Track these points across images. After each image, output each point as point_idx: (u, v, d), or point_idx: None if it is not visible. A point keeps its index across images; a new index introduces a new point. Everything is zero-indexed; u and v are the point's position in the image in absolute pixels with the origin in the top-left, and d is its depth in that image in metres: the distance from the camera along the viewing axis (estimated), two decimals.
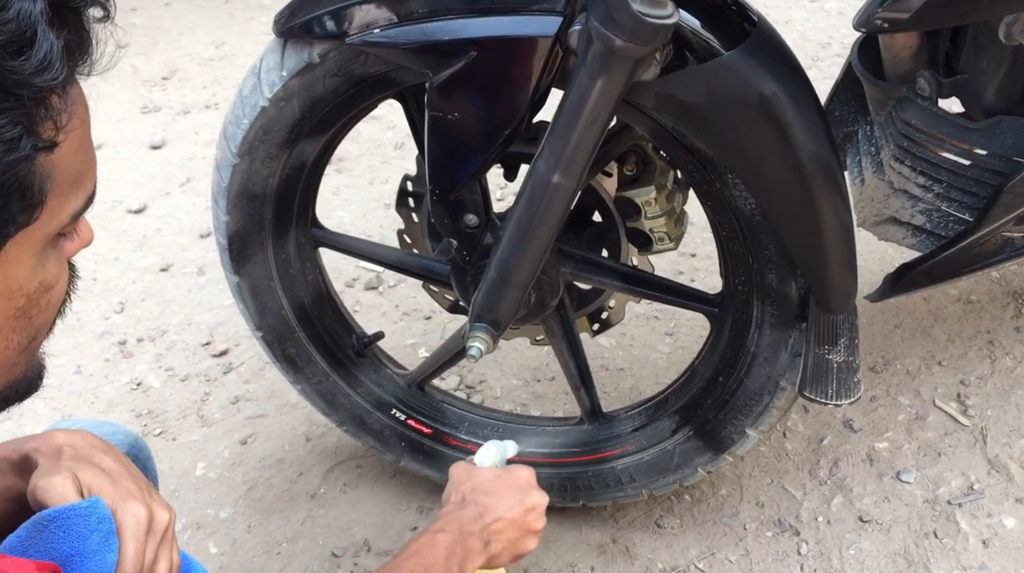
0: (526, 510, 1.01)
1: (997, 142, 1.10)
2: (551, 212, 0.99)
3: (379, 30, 0.96)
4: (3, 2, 0.53)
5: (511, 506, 1.00)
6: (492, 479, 1.02)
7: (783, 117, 0.92)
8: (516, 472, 1.04)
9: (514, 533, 1.00)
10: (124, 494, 0.71)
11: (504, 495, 1.00)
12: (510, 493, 1.01)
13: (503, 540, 0.99)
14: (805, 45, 2.23)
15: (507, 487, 1.01)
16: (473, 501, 0.99)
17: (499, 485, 1.01)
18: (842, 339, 1.08)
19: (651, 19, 0.82)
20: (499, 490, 1.01)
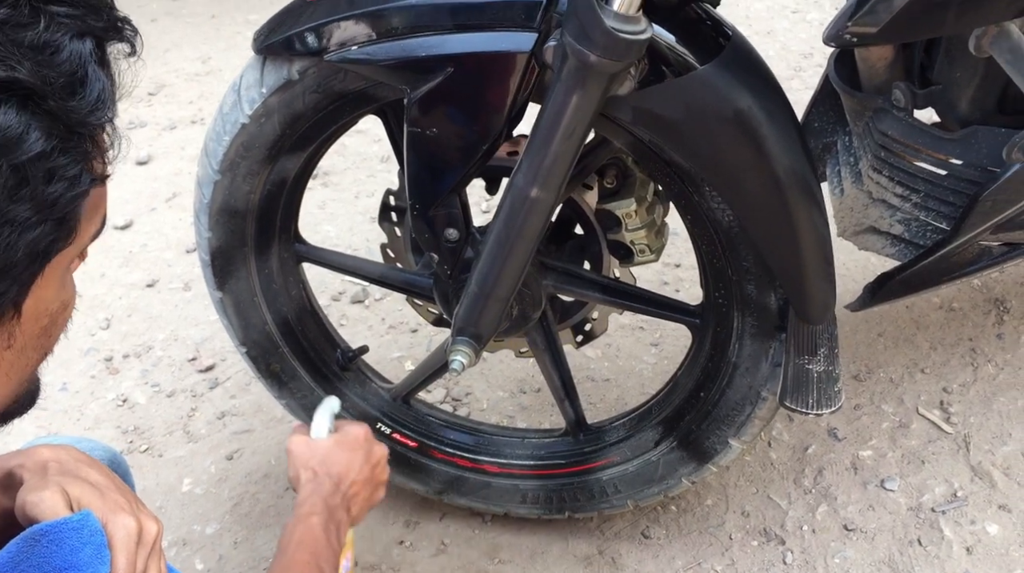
0: (372, 466, 1.07)
1: (972, 152, 1.11)
2: (530, 226, 0.99)
3: (357, 47, 0.97)
4: (56, 44, 0.55)
5: (359, 468, 1.05)
6: (334, 448, 1.06)
7: (758, 130, 0.93)
8: (352, 433, 1.08)
9: (367, 491, 1.07)
10: (113, 506, 0.71)
11: (351, 459, 1.05)
12: (354, 456, 1.06)
13: (360, 500, 1.06)
14: (787, 55, 2.25)
15: (350, 451, 1.06)
16: (326, 474, 1.03)
17: (343, 452, 1.06)
18: (822, 349, 1.09)
19: (624, 35, 0.83)
20: (344, 456, 1.05)
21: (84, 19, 0.57)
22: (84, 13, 0.58)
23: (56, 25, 0.55)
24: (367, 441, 1.09)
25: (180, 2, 2.62)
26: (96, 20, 0.58)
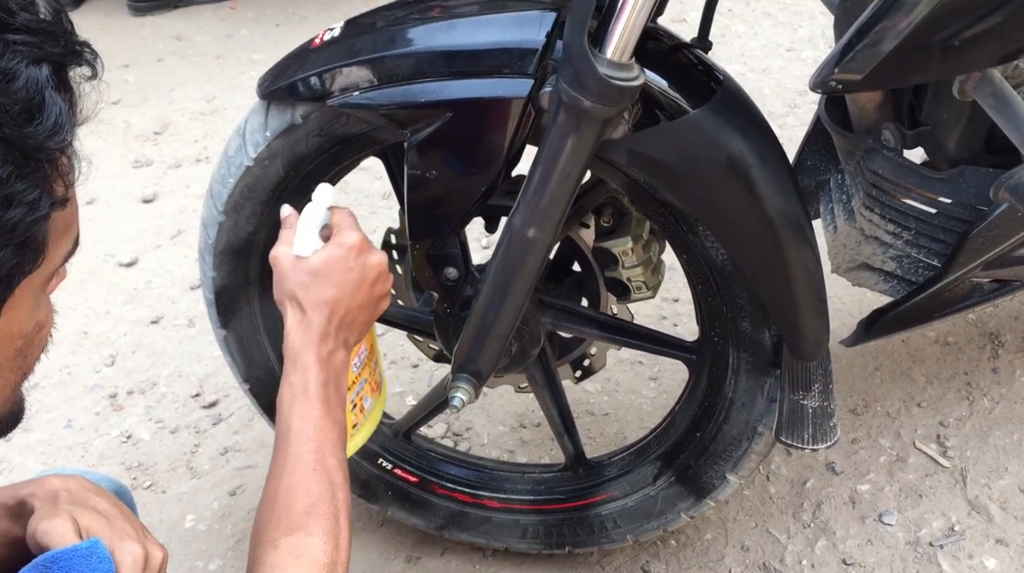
0: (370, 285, 0.95)
1: (961, 191, 1.13)
2: (528, 265, 1.02)
3: (359, 92, 1.00)
4: (12, 71, 0.56)
5: (353, 291, 0.93)
6: (323, 266, 0.92)
7: (749, 172, 0.96)
8: (344, 245, 0.94)
9: (366, 313, 0.96)
10: (120, 534, 0.74)
11: (342, 282, 0.92)
12: (347, 277, 0.93)
13: (359, 325, 0.95)
14: (783, 93, 2.28)
15: (343, 269, 0.93)
16: (315, 306, 0.91)
17: (334, 270, 0.92)
18: (816, 385, 1.10)
19: (617, 82, 0.86)
20: (336, 276, 0.92)
21: (41, 46, 0.58)
22: (41, 40, 0.58)
23: (12, 53, 0.56)
24: (361, 253, 0.94)
25: (185, 42, 2.67)
26: (53, 46, 0.59)
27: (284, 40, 2.63)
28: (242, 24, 2.73)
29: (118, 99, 2.46)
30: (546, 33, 0.94)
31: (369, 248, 0.96)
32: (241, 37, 2.68)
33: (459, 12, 1.00)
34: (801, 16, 2.53)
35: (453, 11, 1.00)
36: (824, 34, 2.45)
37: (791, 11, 2.55)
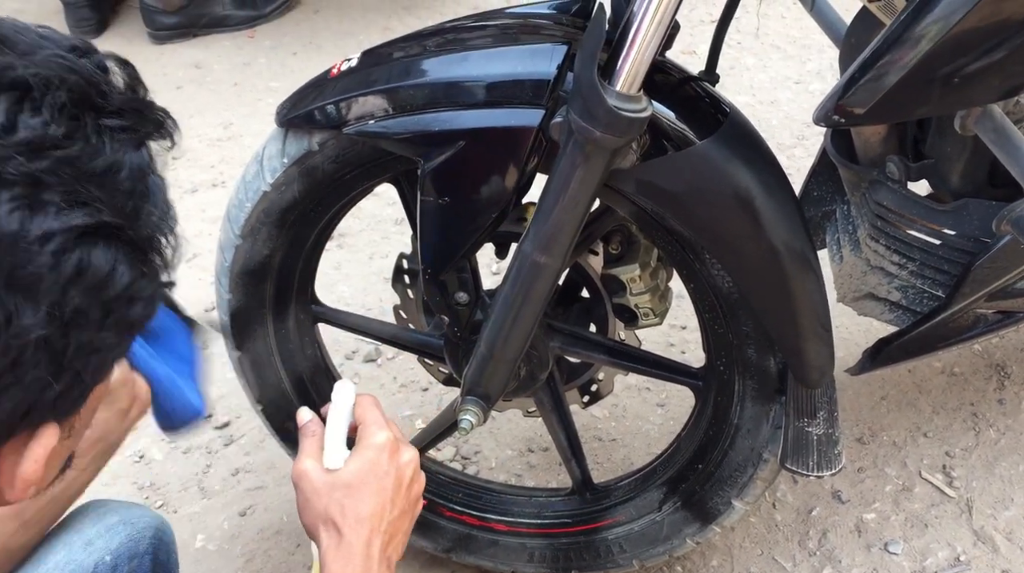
0: (408, 487, 0.88)
1: (964, 223, 1.15)
2: (537, 291, 1.04)
3: (374, 121, 1.03)
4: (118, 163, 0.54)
5: (394, 495, 0.85)
6: (358, 477, 0.85)
7: (755, 202, 0.98)
8: (375, 441, 0.87)
9: (406, 522, 0.88)
10: None
11: (382, 487, 0.85)
12: (384, 483, 0.85)
13: (401, 536, 0.87)
14: (791, 125, 2.31)
15: (379, 475, 0.85)
16: (354, 524, 0.82)
17: (370, 478, 0.85)
18: (821, 412, 1.12)
19: (626, 113, 0.88)
20: (373, 484, 0.85)
21: (137, 128, 0.56)
22: (136, 121, 0.56)
23: (116, 143, 0.54)
24: (394, 453, 0.87)
25: (204, 70, 2.71)
26: (145, 124, 0.57)
27: (301, 68, 2.67)
28: (260, 52, 2.77)
29: None
30: (557, 65, 0.96)
31: (401, 445, 0.89)
32: (259, 65, 2.73)
33: (473, 44, 1.03)
34: (810, 50, 2.56)
35: (467, 43, 1.03)
36: (832, 67, 2.48)
37: (800, 45, 2.59)
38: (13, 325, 0.49)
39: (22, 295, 0.50)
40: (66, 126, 0.52)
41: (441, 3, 2.89)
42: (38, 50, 0.53)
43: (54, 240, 0.50)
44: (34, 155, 0.50)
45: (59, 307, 0.51)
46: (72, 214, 0.51)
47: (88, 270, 0.52)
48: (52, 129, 0.51)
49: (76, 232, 0.51)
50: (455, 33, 1.06)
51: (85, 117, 0.53)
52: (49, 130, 0.51)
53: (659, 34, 0.87)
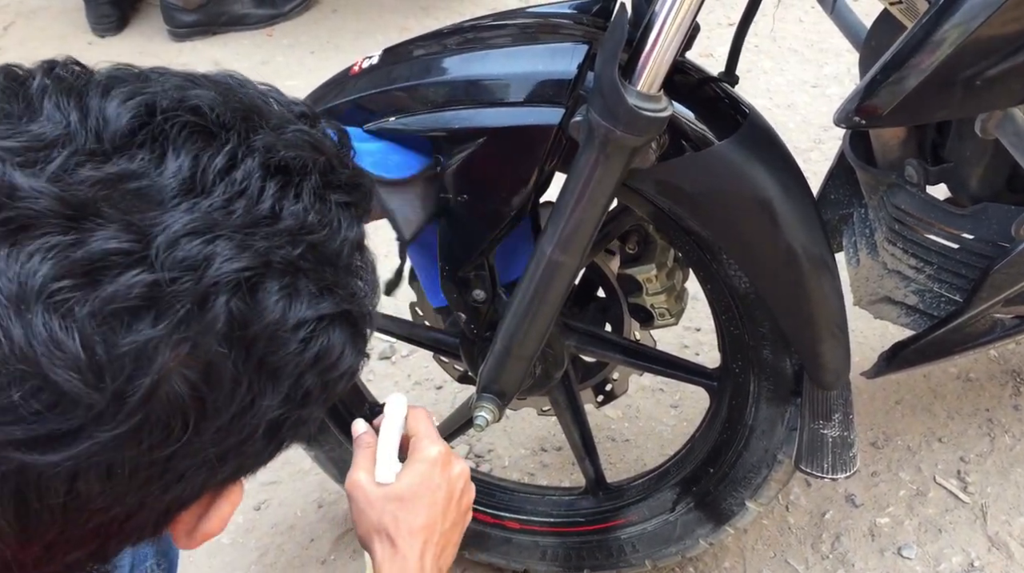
0: (459, 499, 0.89)
1: (983, 227, 1.15)
2: (554, 289, 1.04)
3: (395, 118, 1.03)
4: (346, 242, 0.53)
5: (445, 508, 0.87)
6: (411, 491, 0.86)
7: (773, 203, 0.98)
8: (427, 454, 0.88)
9: (457, 533, 0.90)
10: None
11: (434, 500, 0.86)
12: (437, 496, 0.87)
13: (452, 547, 0.89)
14: (808, 128, 2.31)
15: (432, 488, 0.87)
16: (407, 536, 0.84)
17: (423, 492, 0.86)
18: (836, 414, 1.12)
19: (646, 113, 0.89)
20: (426, 498, 0.86)
21: (358, 203, 0.56)
22: (358, 197, 0.56)
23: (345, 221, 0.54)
24: (446, 466, 0.88)
25: (223, 68, 2.74)
26: (364, 199, 0.57)
27: (318, 67, 2.68)
28: (278, 51, 2.79)
29: None
30: (578, 65, 0.97)
31: (452, 458, 0.91)
32: (276, 63, 2.74)
33: (493, 43, 1.03)
34: (827, 53, 2.56)
35: (487, 42, 1.04)
36: (850, 71, 2.47)
37: (817, 48, 2.58)
38: (255, 406, 0.50)
39: (268, 379, 0.50)
40: (317, 211, 0.52)
41: (459, 3, 2.90)
42: (286, 124, 0.54)
43: (304, 327, 0.51)
44: (294, 242, 0.50)
45: (295, 389, 0.52)
46: (322, 302, 0.51)
47: (326, 355, 0.52)
48: (310, 216, 0.51)
49: (324, 321, 0.52)
50: (475, 32, 1.06)
51: (329, 198, 0.53)
52: (308, 217, 0.51)
53: (680, 34, 0.87)
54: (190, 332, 0.46)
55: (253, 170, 0.50)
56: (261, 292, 0.49)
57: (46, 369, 0.43)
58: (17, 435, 0.44)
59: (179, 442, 0.48)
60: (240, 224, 0.48)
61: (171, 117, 0.49)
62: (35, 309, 0.43)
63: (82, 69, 0.52)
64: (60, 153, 0.46)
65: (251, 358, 0.49)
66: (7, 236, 0.44)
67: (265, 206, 0.49)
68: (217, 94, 0.52)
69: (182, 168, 0.48)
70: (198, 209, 0.47)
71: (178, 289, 0.46)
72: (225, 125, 0.51)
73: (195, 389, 0.47)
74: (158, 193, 0.47)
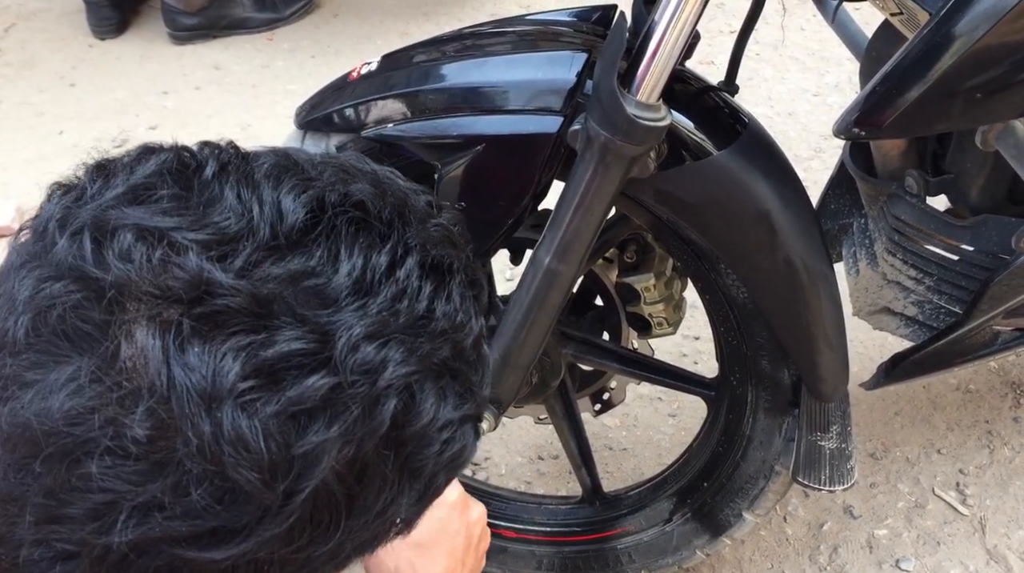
0: (477, 545, 0.86)
1: (983, 239, 1.14)
2: (551, 298, 1.03)
3: (393, 124, 1.03)
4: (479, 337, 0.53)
5: (464, 555, 0.84)
6: (429, 536, 0.83)
7: (772, 213, 0.97)
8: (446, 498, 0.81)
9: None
10: None
11: (453, 547, 0.83)
12: (456, 537, 0.84)
13: None
14: (808, 137, 2.30)
15: (451, 534, 0.84)
16: None
17: (441, 538, 0.83)
18: (834, 426, 1.11)
19: (645, 122, 0.88)
20: (444, 544, 0.83)
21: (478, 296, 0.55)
22: (478, 291, 0.55)
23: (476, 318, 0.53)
24: (463, 510, 0.85)
25: (223, 71, 2.73)
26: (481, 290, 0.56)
27: (318, 72, 2.68)
28: (278, 55, 2.78)
29: (156, 124, 2.51)
30: (577, 73, 0.96)
31: (470, 502, 0.88)
32: (277, 68, 2.73)
33: (492, 50, 1.03)
34: (828, 62, 2.55)
35: (486, 49, 1.03)
36: (851, 80, 2.47)
37: (818, 57, 2.58)
38: (395, 505, 0.50)
39: (409, 478, 0.50)
40: (464, 312, 0.52)
41: (460, 9, 2.90)
42: (428, 218, 0.53)
43: (448, 429, 0.50)
44: (445, 344, 0.50)
45: (428, 487, 0.52)
46: (465, 403, 0.51)
47: (460, 454, 0.52)
48: (459, 317, 0.51)
49: (465, 421, 0.52)
50: (475, 39, 1.06)
51: (468, 297, 0.53)
52: (458, 318, 0.51)
53: (680, 43, 0.87)
54: (357, 434, 0.46)
55: (412, 270, 0.49)
56: (420, 394, 0.49)
57: (229, 468, 0.43)
58: (181, 530, 0.43)
59: (326, 541, 0.48)
60: (405, 326, 0.48)
61: (340, 212, 0.49)
62: (225, 408, 0.43)
63: (242, 153, 0.52)
64: (245, 247, 0.46)
65: (399, 457, 0.49)
66: (201, 332, 0.43)
67: (422, 306, 0.49)
68: (372, 186, 0.52)
69: (355, 267, 0.47)
70: (369, 311, 0.47)
71: (355, 392, 0.45)
72: (384, 221, 0.51)
73: (349, 489, 0.47)
74: (333, 292, 0.46)
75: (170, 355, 0.43)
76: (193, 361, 0.43)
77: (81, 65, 2.70)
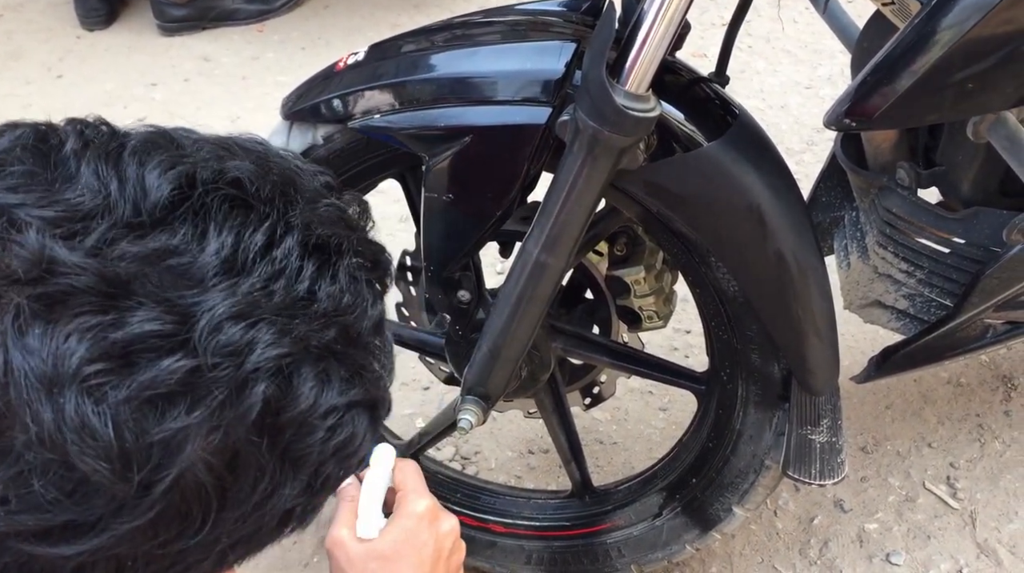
0: (448, 558, 0.83)
1: (974, 232, 1.13)
2: (540, 291, 1.02)
3: (380, 115, 1.01)
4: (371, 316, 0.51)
5: (432, 568, 0.80)
6: (394, 549, 0.80)
7: (762, 206, 0.97)
8: (413, 509, 0.82)
9: None
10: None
11: (420, 560, 0.80)
12: (424, 549, 0.80)
13: None
14: (800, 130, 2.29)
15: (417, 546, 0.80)
16: None
17: (407, 550, 0.80)
18: (824, 420, 1.11)
19: (634, 112, 0.87)
20: (411, 557, 0.80)
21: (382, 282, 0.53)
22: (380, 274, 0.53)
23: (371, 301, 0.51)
24: (433, 521, 0.82)
25: (212, 63, 2.71)
26: (385, 276, 0.54)
27: (309, 63, 2.66)
28: (268, 47, 2.76)
29: (144, 117, 2.49)
30: (565, 63, 0.95)
31: (440, 513, 0.84)
32: (267, 59, 2.72)
33: (480, 40, 1.02)
34: (821, 54, 2.55)
35: (475, 39, 1.02)
36: (843, 73, 2.46)
37: (811, 49, 2.57)
38: (275, 496, 0.48)
39: (290, 467, 0.48)
40: (352, 294, 0.50)
41: (451, 0, 2.88)
42: (318, 198, 0.51)
43: (333, 415, 0.48)
44: (329, 326, 0.48)
45: (315, 478, 0.50)
46: (352, 388, 0.49)
47: (349, 443, 0.50)
48: (345, 298, 0.49)
49: (352, 407, 0.50)
50: (463, 29, 1.05)
51: (360, 277, 0.51)
52: (343, 299, 0.49)
53: (669, 33, 0.86)
54: (224, 420, 0.44)
55: (292, 249, 0.48)
56: (297, 378, 0.47)
57: (74, 457, 0.41)
58: (28, 525, 0.42)
59: (196, 535, 0.46)
60: (280, 306, 0.46)
61: (212, 190, 0.47)
62: (68, 393, 0.41)
63: (111, 130, 0.50)
64: (99, 224, 0.44)
65: (277, 446, 0.47)
66: (42, 313, 0.41)
67: (303, 287, 0.48)
68: (254, 164, 0.50)
69: (224, 246, 0.46)
70: (239, 290, 0.45)
71: (218, 375, 0.44)
72: (264, 199, 0.49)
73: (219, 479, 0.45)
74: (199, 271, 0.45)
75: (8, 338, 0.41)
76: (33, 344, 0.41)
77: (68, 57, 2.67)
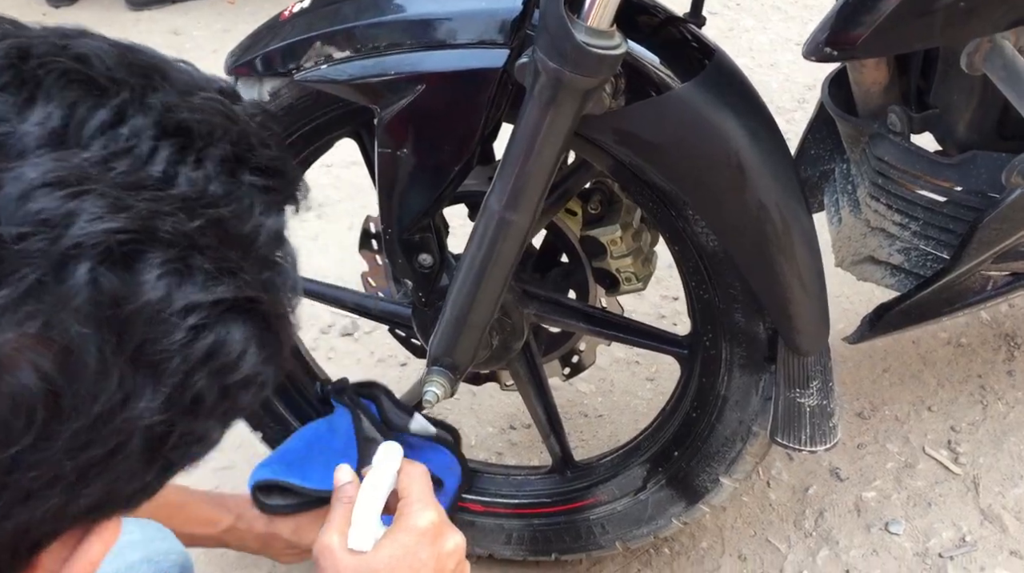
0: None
1: (971, 177, 1.06)
2: (505, 250, 0.95)
3: (327, 65, 0.94)
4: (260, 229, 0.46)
5: None
6: (389, 567, 0.74)
7: (739, 150, 0.89)
8: (414, 522, 0.77)
9: None
10: None
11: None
12: (420, 568, 0.75)
13: None
14: (791, 87, 2.22)
15: (415, 565, 0.75)
16: None
17: (402, 569, 0.75)
18: (814, 382, 1.04)
19: (596, 50, 0.80)
20: None
21: (279, 189, 0.48)
22: (279, 182, 0.49)
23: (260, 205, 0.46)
24: (436, 539, 0.77)
25: (183, 37, 2.63)
26: (287, 186, 0.50)
27: None
28: (240, 19, 2.68)
29: None
30: (523, 1, 0.88)
31: (445, 529, 0.78)
32: (239, 32, 2.62)
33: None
34: (811, 10, 2.47)
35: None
36: None
37: (801, 5, 2.49)
38: (128, 408, 0.41)
39: (146, 374, 0.42)
40: (223, 184, 0.45)
41: None
42: (196, 91, 0.46)
43: (195, 314, 0.42)
44: (190, 214, 0.42)
45: (180, 391, 0.43)
46: (219, 285, 0.43)
47: (221, 351, 0.44)
48: (212, 186, 0.44)
49: (220, 307, 0.43)
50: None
51: (242, 175, 0.46)
52: (209, 187, 0.44)
53: None
54: (42, 305, 0.38)
55: (144, 128, 0.42)
56: (140, 263, 0.40)
57: None
58: None
59: (19, 445, 0.39)
60: (119, 183, 0.40)
61: (48, 63, 0.41)
62: None
63: None
64: None
65: (124, 345, 0.40)
66: None
67: (156, 169, 0.42)
68: (116, 49, 0.45)
69: (51, 117, 0.40)
70: (66, 161, 0.39)
71: (28, 247, 0.38)
72: (116, 80, 0.43)
73: (47, 380, 0.39)
74: (19, 142, 0.39)
75: None
76: None
77: None
